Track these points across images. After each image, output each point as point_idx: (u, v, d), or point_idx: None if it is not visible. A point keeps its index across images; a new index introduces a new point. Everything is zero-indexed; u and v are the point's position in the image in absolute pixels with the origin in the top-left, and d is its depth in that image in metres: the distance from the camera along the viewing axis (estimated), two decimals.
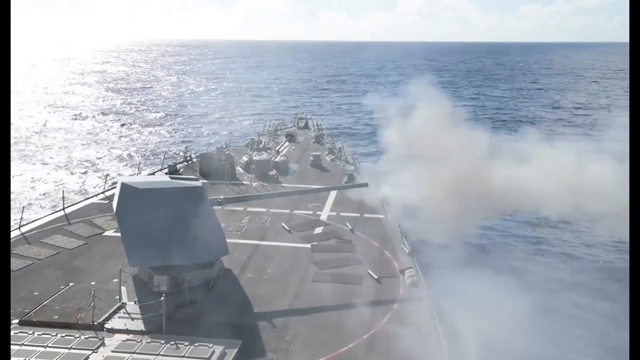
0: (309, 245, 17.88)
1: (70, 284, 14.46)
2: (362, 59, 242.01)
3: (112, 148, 55.11)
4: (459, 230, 18.99)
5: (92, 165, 47.61)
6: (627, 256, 8.35)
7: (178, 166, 28.88)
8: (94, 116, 76.53)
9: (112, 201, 16.51)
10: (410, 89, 24.31)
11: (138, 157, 51.25)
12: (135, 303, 13.16)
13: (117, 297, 13.34)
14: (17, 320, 12.28)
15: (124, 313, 12.72)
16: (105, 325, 12.11)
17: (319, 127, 43.67)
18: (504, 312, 12.27)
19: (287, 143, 37.76)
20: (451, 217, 17.37)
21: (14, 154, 48.93)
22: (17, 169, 44.49)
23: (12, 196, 35.62)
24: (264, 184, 26.22)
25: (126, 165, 47.95)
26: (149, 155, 51.60)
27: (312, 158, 31.00)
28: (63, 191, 28.59)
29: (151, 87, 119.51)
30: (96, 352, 10.94)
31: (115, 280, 13.96)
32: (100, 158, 50.54)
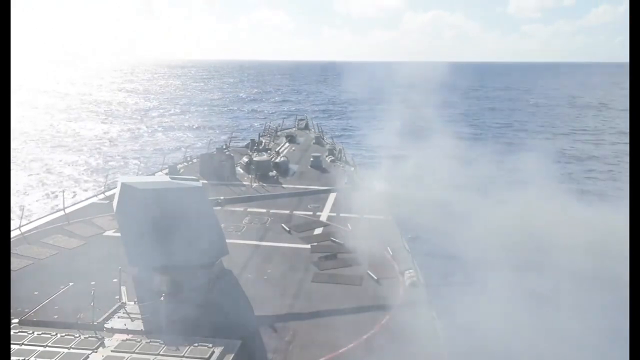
0: (308, 246, 17.90)
1: (70, 284, 14.45)
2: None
3: None
4: None
5: None
6: None
7: (178, 166, 28.92)
8: None
9: (112, 201, 16.52)
10: None
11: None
12: (135, 303, 13.16)
13: (117, 297, 13.34)
14: (16, 320, 12.28)
15: (123, 313, 12.72)
16: (105, 325, 12.11)
17: (319, 128, 43.76)
18: None
19: (287, 144, 37.80)
20: None
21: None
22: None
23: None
24: (264, 184, 26.24)
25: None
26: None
27: (312, 159, 31.04)
28: (63, 191, 28.61)
29: None
30: (96, 351, 10.93)
31: (115, 280, 13.97)
32: None
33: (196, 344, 11.07)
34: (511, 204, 17.59)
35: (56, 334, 11.47)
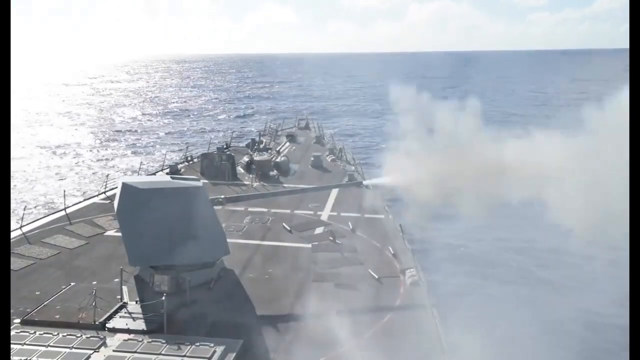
0: (309, 245, 17.91)
1: (72, 284, 14.49)
2: None
3: None
4: None
5: None
6: None
7: (179, 166, 28.94)
8: None
9: (113, 201, 16.56)
10: None
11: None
12: (136, 303, 13.19)
13: (119, 296, 13.36)
14: (18, 320, 12.31)
15: (125, 313, 12.74)
16: (107, 325, 12.14)
17: (320, 127, 43.78)
18: None
19: (287, 143, 37.79)
20: None
21: None
22: None
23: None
24: (265, 184, 26.26)
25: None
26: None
27: (312, 158, 31.04)
28: (64, 191, 28.62)
29: None
30: (97, 351, 10.96)
31: (116, 279, 14.00)
32: None
33: (198, 344, 11.09)
34: None
35: (58, 334, 11.49)
